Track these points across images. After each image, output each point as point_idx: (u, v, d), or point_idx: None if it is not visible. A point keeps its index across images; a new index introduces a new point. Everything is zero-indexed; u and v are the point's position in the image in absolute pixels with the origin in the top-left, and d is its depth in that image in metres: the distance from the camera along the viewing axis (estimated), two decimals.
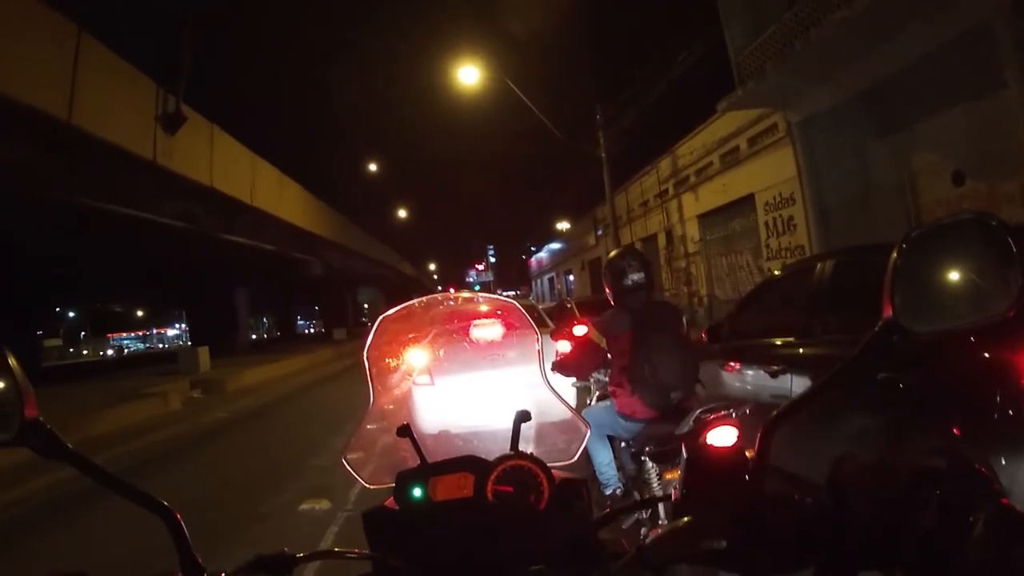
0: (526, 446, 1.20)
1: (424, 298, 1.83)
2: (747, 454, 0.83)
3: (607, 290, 3.52)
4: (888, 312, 0.78)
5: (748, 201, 15.60)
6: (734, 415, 2.71)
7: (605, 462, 3.51)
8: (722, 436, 2.58)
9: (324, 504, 5.62)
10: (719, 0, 12.78)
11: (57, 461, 0.79)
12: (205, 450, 9.36)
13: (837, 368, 0.82)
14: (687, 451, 0.85)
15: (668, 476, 2.99)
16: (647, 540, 0.77)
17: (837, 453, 0.77)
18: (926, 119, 9.74)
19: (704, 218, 19.19)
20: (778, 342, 4.40)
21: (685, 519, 0.77)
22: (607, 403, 3.50)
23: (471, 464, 1.12)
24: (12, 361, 0.79)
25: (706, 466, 0.83)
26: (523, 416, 1.21)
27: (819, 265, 4.26)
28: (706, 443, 2.62)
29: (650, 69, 15.98)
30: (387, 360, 1.78)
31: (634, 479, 3.24)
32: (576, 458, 1.46)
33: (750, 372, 4.67)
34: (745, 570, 0.73)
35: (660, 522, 2.98)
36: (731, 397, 4.68)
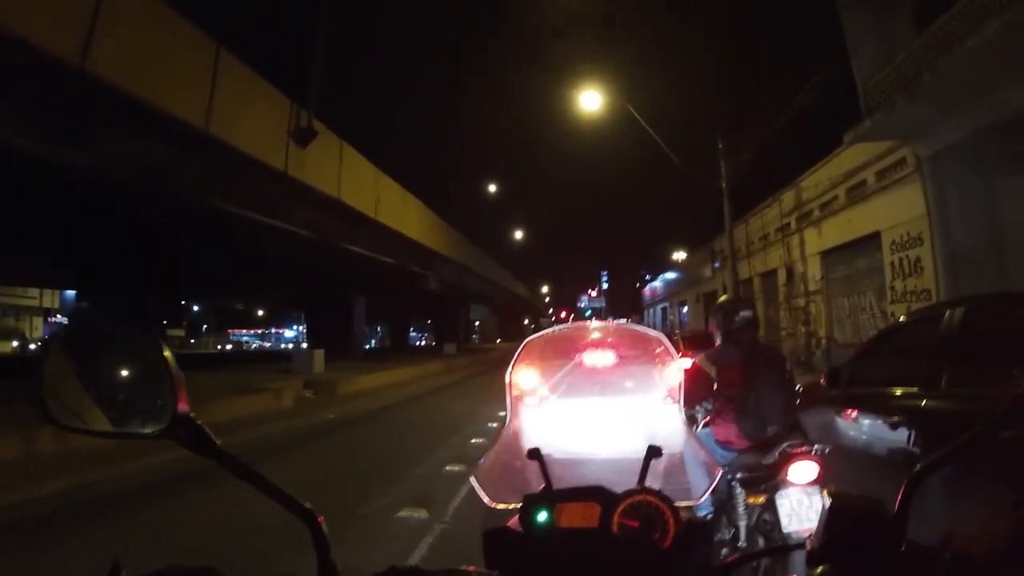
0: (654, 481, 1.20)
1: (566, 325, 1.91)
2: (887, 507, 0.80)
3: (713, 329, 3.72)
4: None
5: (874, 239, 14.78)
6: (815, 452, 2.89)
7: None
8: (803, 471, 2.85)
9: (422, 513, 5.66)
10: (846, 27, 12.30)
11: (204, 457, 0.80)
12: (311, 448, 9.67)
13: (989, 421, 0.78)
14: (830, 499, 0.82)
15: (751, 500, 3.14)
16: None
17: (953, 512, 0.76)
18: None
19: (827, 255, 18.32)
20: (899, 392, 4.18)
21: (820, 568, 0.76)
22: (707, 431, 3.66)
23: (598, 494, 1.11)
24: (168, 354, 0.80)
25: (846, 516, 0.80)
26: (655, 452, 1.22)
27: (948, 312, 4.00)
28: (787, 479, 2.72)
29: (774, 97, 15.52)
30: (525, 383, 1.87)
31: (724, 503, 3.36)
32: (703, 499, 1.51)
33: (867, 421, 4.48)
34: None
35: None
36: (845, 445, 4.55)
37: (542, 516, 1.09)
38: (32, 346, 43.95)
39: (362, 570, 0.86)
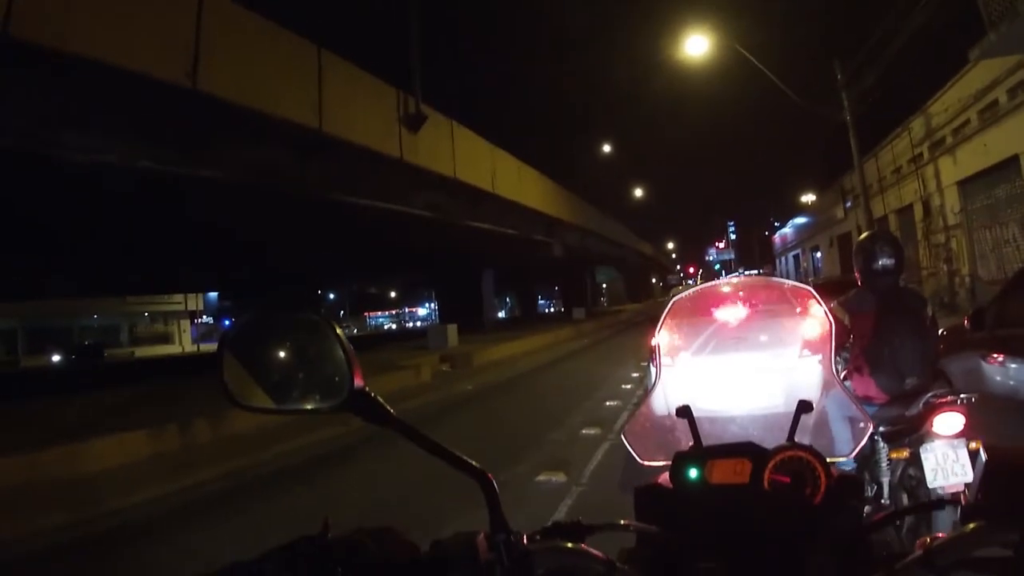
0: (803, 436, 1.19)
1: (712, 282, 1.97)
2: None
3: (856, 271, 3.54)
4: None
5: (1012, 163, 13.69)
6: (961, 402, 2.81)
7: None
8: (949, 422, 2.76)
9: (560, 477, 5.89)
10: None
11: (381, 426, 0.85)
12: (451, 419, 10.12)
13: None
14: (985, 453, 0.83)
15: (895, 455, 3.05)
16: (935, 543, 0.76)
17: None
18: None
19: (964, 185, 17.04)
20: None
21: (974, 524, 0.75)
22: (845, 384, 3.53)
23: (749, 450, 1.11)
24: (340, 333, 0.85)
25: (1004, 470, 0.79)
26: (805, 407, 1.22)
27: None
28: (931, 431, 2.77)
29: (891, 16, 14.49)
30: (673, 341, 1.86)
31: (865, 458, 3.25)
32: (854, 454, 1.45)
33: (1014, 365, 4.31)
34: None
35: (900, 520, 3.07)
36: (992, 392, 4.42)
37: (693, 473, 1.10)
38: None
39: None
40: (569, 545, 0.86)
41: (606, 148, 48.44)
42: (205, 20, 10.27)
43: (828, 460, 1.09)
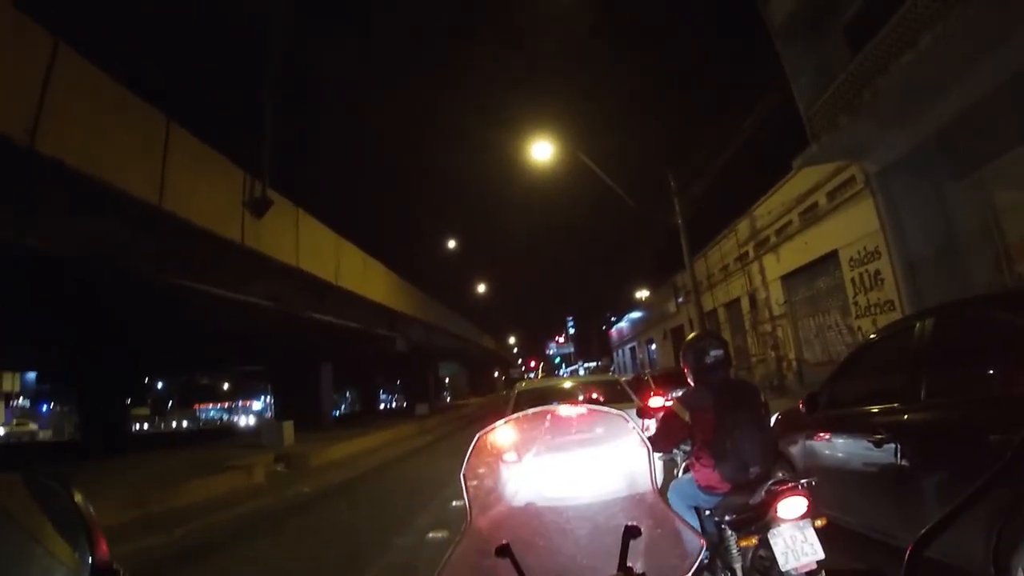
0: (635, 559, 1.19)
1: (520, 413, 1.83)
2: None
3: (685, 369, 3.66)
4: None
5: (832, 258, 15.13)
6: (802, 486, 2.92)
7: None
8: (792, 507, 2.85)
9: None
10: (783, 58, 12.75)
11: None
12: (289, 525, 9.33)
13: (990, 476, 0.73)
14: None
15: (743, 543, 3.06)
16: None
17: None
18: (1005, 153, 9.18)
19: (787, 279, 18.66)
20: (880, 409, 4.17)
21: None
22: (689, 475, 3.62)
23: None
24: (79, 498, 0.73)
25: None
26: (633, 532, 1.20)
27: (918, 324, 4.04)
28: (777, 516, 2.84)
29: (721, 129, 15.87)
30: (485, 477, 1.76)
31: (716, 546, 3.32)
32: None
33: (850, 442, 4.44)
34: None
35: None
36: (829, 470, 4.53)
37: None
38: None
39: None
40: None
41: (451, 244, 49.01)
42: (55, 73, 9.31)
43: None
